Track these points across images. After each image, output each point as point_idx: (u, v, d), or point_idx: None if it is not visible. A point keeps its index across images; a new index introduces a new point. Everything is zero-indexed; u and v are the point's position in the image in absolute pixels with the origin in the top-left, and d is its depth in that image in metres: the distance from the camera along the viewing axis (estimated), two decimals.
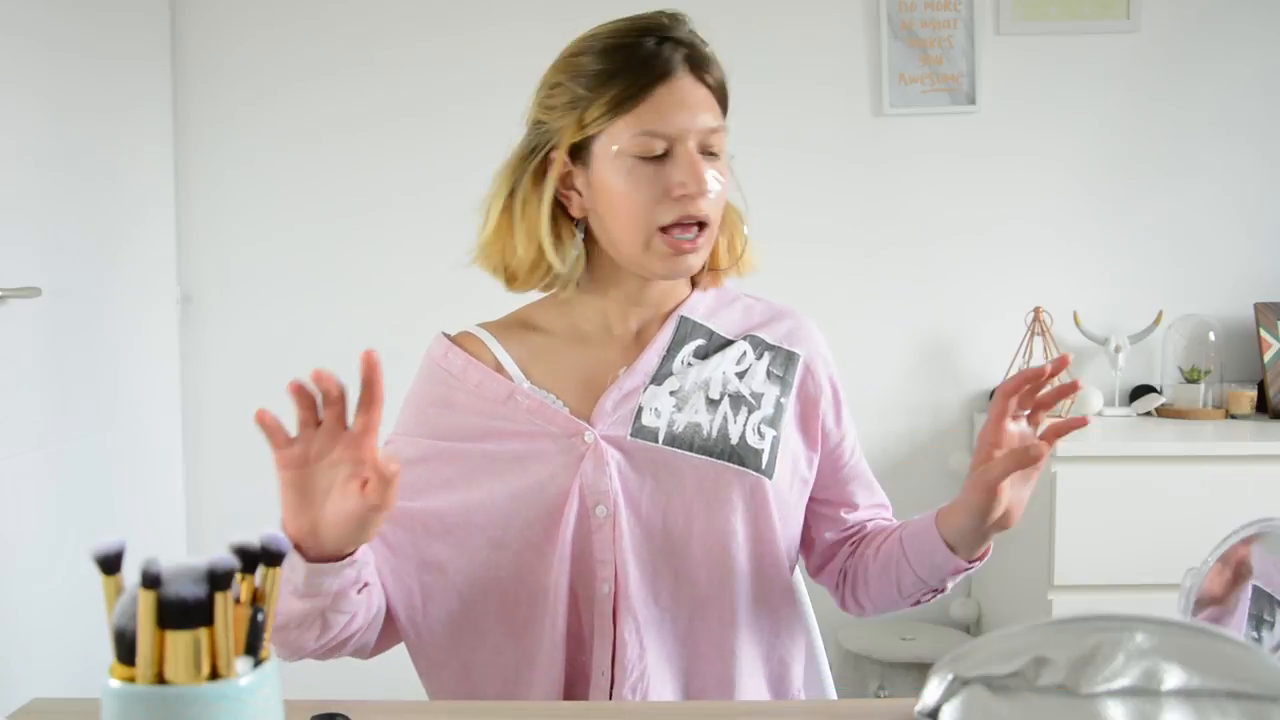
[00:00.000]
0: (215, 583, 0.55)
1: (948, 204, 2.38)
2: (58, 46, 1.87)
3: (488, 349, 1.10)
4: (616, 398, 1.04)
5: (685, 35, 1.03)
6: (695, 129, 1.00)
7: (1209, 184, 2.37)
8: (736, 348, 1.09)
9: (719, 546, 1.02)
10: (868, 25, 2.36)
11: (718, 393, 1.05)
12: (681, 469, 1.02)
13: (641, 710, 0.93)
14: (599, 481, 1.01)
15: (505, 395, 1.05)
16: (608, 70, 1.01)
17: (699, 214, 1.00)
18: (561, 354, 1.09)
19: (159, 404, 2.29)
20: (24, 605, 1.76)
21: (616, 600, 1.01)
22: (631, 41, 1.01)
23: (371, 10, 2.36)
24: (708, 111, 1.01)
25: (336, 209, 2.38)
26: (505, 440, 1.03)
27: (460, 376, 1.08)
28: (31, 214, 1.81)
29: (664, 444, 1.02)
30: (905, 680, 2.18)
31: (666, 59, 1.00)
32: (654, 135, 0.99)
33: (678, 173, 0.99)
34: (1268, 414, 2.26)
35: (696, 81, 1.02)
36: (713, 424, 1.03)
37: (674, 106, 1.00)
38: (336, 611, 0.93)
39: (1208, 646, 0.70)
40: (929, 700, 0.74)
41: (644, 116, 0.99)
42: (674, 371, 1.06)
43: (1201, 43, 2.35)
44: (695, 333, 1.09)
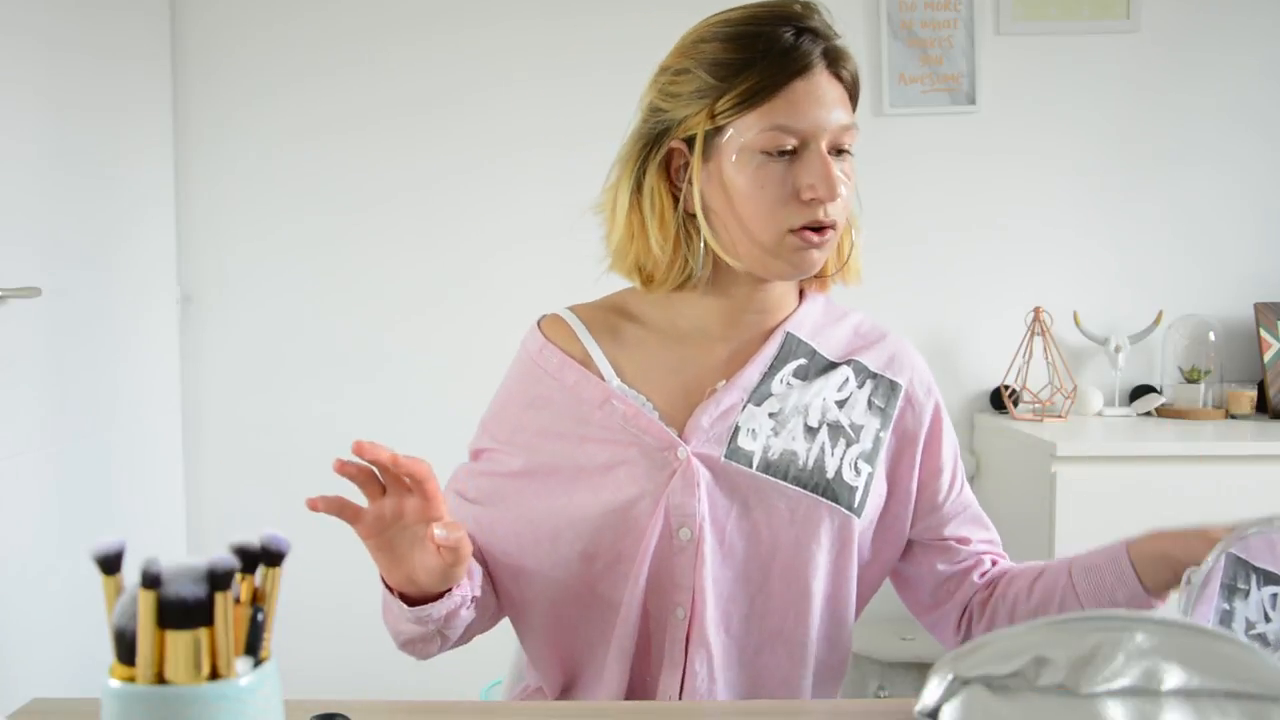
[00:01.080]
0: (215, 583, 0.55)
1: (948, 204, 2.38)
2: (58, 46, 1.87)
3: (578, 340, 1.05)
4: (714, 414, 1.00)
5: (823, 26, 0.98)
6: (830, 127, 0.95)
7: (1209, 183, 2.37)
8: (839, 373, 1.04)
9: (800, 580, 0.99)
10: (868, 25, 2.36)
11: (817, 420, 1.01)
12: (773, 498, 0.98)
13: (640, 710, 0.92)
14: (686, 503, 0.97)
15: (601, 399, 1.01)
16: (742, 59, 0.95)
17: (827, 219, 0.96)
18: (656, 352, 1.04)
19: (159, 404, 2.29)
20: (24, 605, 1.76)
21: (691, 627, 0.98)
22: (768, 30, 0.96)
23: (371, 10, 2.36)
24: (841, 108, 0.97)
25: (336, 208, 2.38)
26: (598, 446, 1.00)
27: (556, 375, 1.04)
28: (31, 214, 1.81)
29: (758, 469, 0.98)
30: (905, 680, 2.18)
31: (806, 51, 0.95)
32: (787, 131, 0.94)
33: (808, 174, 0.95)
34: (1268, 414, 2.26)
35: (832, 77, 0.97)
36: (809, 453, 0.99)
37: (810, 102, 0.95)
38: (450, 628, 0.96)
39: (1208, 646, 0.70)
40: (929, 700, 0.74)
41: (778, 111, 0.94)
42: (774, 392, 1.01)
43: (1201, 43, 2.35)
44: (799, 351, 1.04)
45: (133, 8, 2.17)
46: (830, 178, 0.94)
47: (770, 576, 0.99)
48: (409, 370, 2.37)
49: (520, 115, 2.35)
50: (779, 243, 0.96)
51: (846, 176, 0.97)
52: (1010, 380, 2.30)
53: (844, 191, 0.96)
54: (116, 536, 0.57)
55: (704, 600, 0.97)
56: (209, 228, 2.38)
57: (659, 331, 1.05)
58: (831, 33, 0.99)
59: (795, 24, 0.96)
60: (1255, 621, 0.84)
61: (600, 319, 1.07)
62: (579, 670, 1.04)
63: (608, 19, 2.29)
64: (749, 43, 0.95)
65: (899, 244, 2.39)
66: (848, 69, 0.99)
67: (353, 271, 2.38)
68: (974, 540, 1.09)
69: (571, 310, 1.09)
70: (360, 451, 0.82)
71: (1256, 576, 0.85)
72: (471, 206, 2.36)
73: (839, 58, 0.98)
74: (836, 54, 0.98)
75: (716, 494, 0.98)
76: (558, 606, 1.02)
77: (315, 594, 2.05)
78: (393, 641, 1.00)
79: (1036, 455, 1.99)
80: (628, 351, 1.05)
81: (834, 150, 0.97)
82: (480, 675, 1.84)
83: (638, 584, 0.98)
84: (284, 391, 2.38)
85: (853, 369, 1.05)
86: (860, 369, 1.05)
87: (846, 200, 0.98)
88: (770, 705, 0.97)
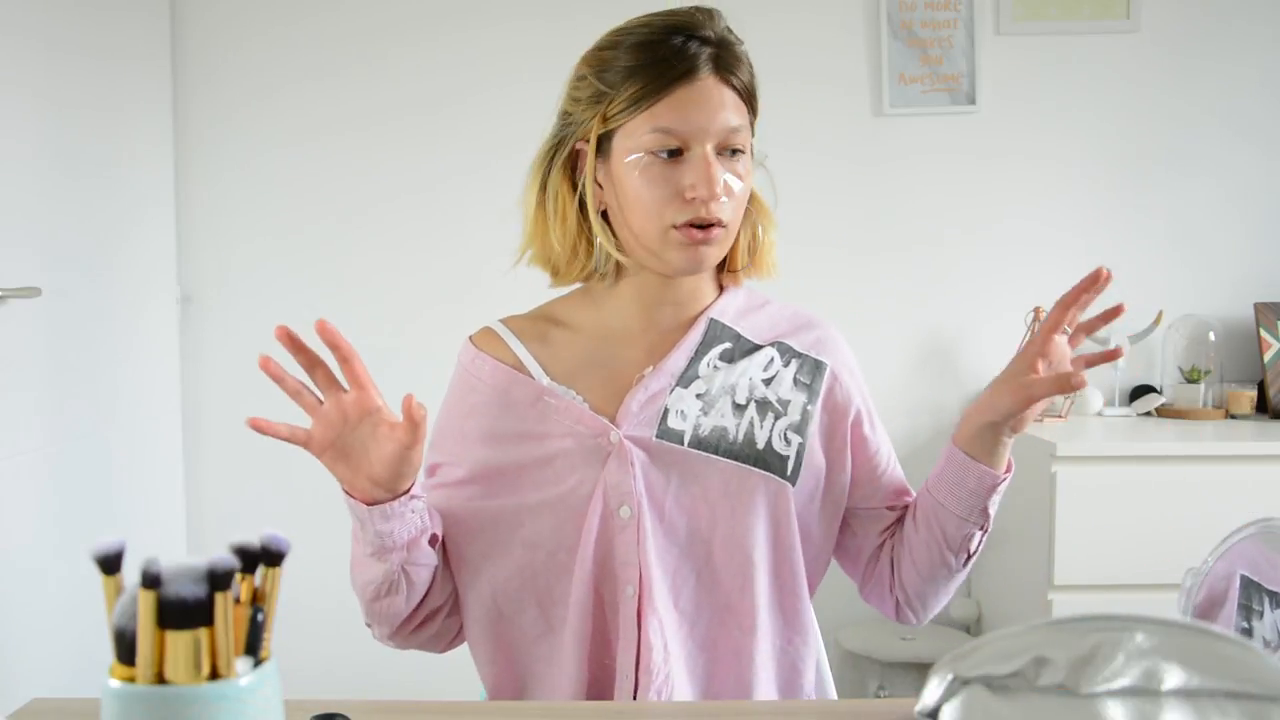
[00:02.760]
0: (215, 583, 0.55)
1: (947, 204, 2.38)
2: (58, 46, 1.87)
3: (508, 348, 1.10)
4: (642, 398, 1.04)
5: (715, 33, 1.02)
6: (714, 129, 0.99)
7: (1209, 184, 2.37)
8: (764, 354, 1.08)
9: (741, 551, 1.02)
10: (868, 25, 2.36)
11: (744, 398, 1.04)
12: (706, 472, 1.02)
13: (638, 710, 0.92)
14: (623, 482, 1.01)
15: (533, 398, 1.06)
16: (631, 66, 1.00)
17: (710, 217, 0.99)
18: (585, 351, 1.09)
19: (159, 404, 2.29)
20: (24, 605, 1.76)
21: (641, 603, 1.01)
22: (659, 38, 1.01)
23: (371, 10, 2.36)
24: (729, 111, 1.00)
25: (336, 208, 2.38)
26: (535, 443, 1.04)
27: (489, 381, 1.09)
28: (31, 214, 1.81)
29: (689, 446, 1.02)
30: (905, 680, 2.18)
31: (690, 57, 0.99)
32: (668, 133, 0.99)
33: (690, 174, 0.99)
34: (1268, 414, 2.26)
35: (720, 81, 1.01)
36: (739, 428, 1.03)
37: (692, 106, 0.99)
38: (414, 565, 0.99)
39: (1207, 646, 0.70)
40: (929, 700, 0.74)
41: (660, 114, 0.99)
42: (700, 374, 1.05)
43: (1201, 43, 2.35)
44: (723, 335, 1.08)
45: (133, 8, 2.17)
46: (710, 178, 0.98)
47: (713, 549, 1.03)
48: (409, 370, 2.36)
49: (521, 116, 2.34)
50: (663, 238, 1.01)
51: (738, 176, 1.01)
52: None
53: (736, 188, 1.01)
54: (116, 536, 0.57)
55: (650, 575, 1.00)
56: (209, 228, 2.38)
57: (585, 331, 1.10)
58: (727, 38, 1.03)
59: (686, 32, 1.00)
60: (1270, 640, 0.84)
61: (529, 327, 1.12)
62: (533, 665, 1.06)
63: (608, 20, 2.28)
64: (638, 50, 1.01)
65: (899, 244, 2.39)
66: (740, 75, 1.02)
67: (353, 272, 2.38)
68: (899, 506, 1.14)
69: (502, 322, 1.14)
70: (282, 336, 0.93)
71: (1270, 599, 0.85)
72: (472, 207, 2.36)
73: (730, 63, 1.02)
74: (727, 60, 1.01)
75: (652, 471, 1.02)
76: (501, 600, 1.05)
77: (315, 594, 2.04)
78: (363, 612, 1.04)
79: (1036, 455, 1.99)
80: (556, 352, 1.09)
81: (725, 151, 1.01)
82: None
83: (585, 568, 1.01)
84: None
85: (777, 349, 1.09)
86: (785, 349, 1.09)
87: (740, 197, 1.02)
88: (772, 705, 0.97)
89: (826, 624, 1.26)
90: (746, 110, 1.04)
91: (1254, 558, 0.86)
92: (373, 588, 1.00)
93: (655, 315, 1.09)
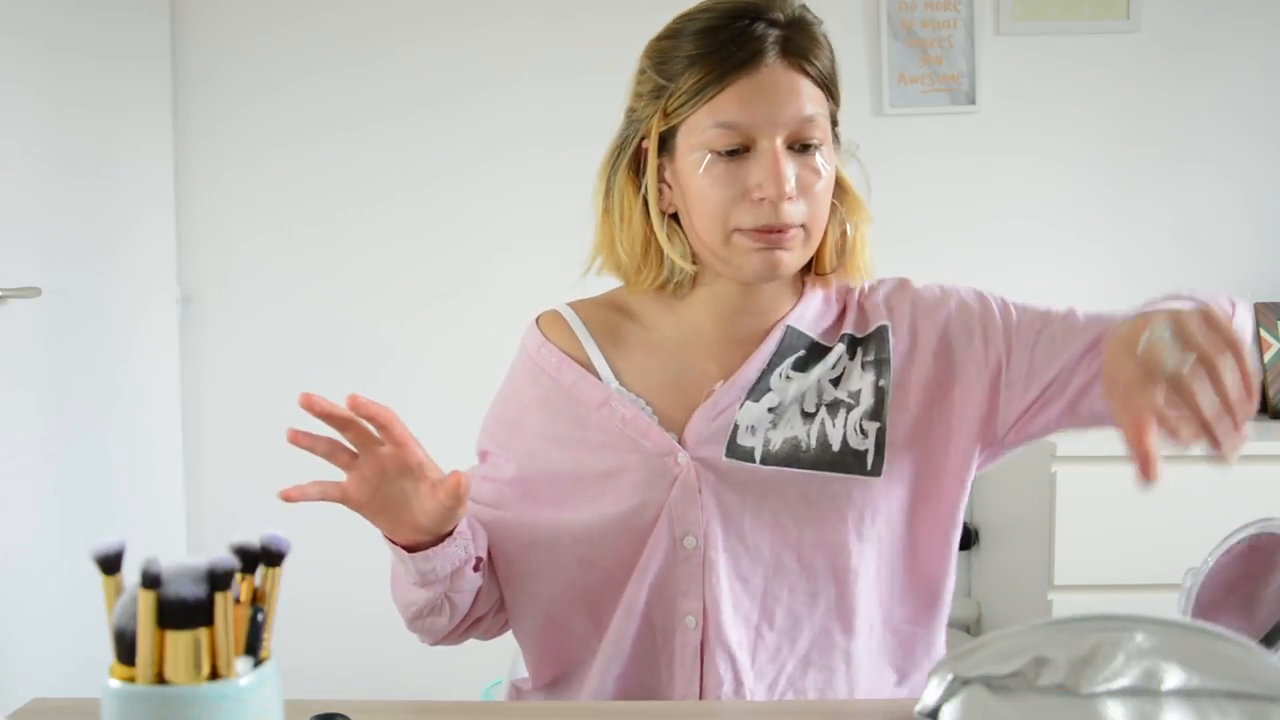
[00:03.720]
0: (215, 583, 0.55)
1: (948, 204, 2.38)
2: (58, 46, 1.87)
3: (576, 340, 1.03)
4: (711, 414, 0.97)
5: (786, 14, 0.92)
6: (783, 121, 0.91)
7: (1209, 183, 2.37)
8: (833, 354, 1.01)
9: (838, 554, 0.96)
10: (868, 25, 2.36)
11: (814, 405, 0.98)
12: (783, 486, 0.96)
13: (636, 710, 0.92)
14: (689, 511, 0.95)
15: (599, 401, 1.00)
16: (692, 55, 0.92)
17: (779, 221, 0.91)
18: (655, 355, 1.02)
19: (159, 404, 2.29)
20: (24, 605, 1.76)
21: (706, 634, 0.95)
22: (720, 24, 0.92)
23: (371, 9, 2.36)
24: (802, 100, 0.91)
25: (337, 208, 2.38)
26: (595, 452, 0.99)
27: (554, 375, 1.02)
28: (31, 214, 1.81)
29: (761, 463, 0.96)
30: None
31: (755, 41, 0.90)
32: (730, 128, 0.90)
33: (757, 173, 0.91)
34: (1268, 414, 2.26)
35: (790, 68, 0.91)
36: (810, 435, 0.96)
37: (757, 96, 0.90)
38: (458, 591, 0.96)
39: (1208, 646, 0.70)
40: (929, 700, 0.74)
41: (722, 106, 0.90)
42: (772, 387, 0.98)
43: (1202, 42, 2.35)
44: (798, 344, 1.01)
45: (133, 8, 2.17)
46: (779, 176, 0.90)
47: (805, 557, 0.96)
48: (409, 370, 2.36)
49: (520, 115, 2.35)
50: (728, 244, 0.93)
51: (815, 171, 0.93)
52: None
53: (814, 186, 0.93)
54: (116, 536, 0.57)
55: (717, 607, 0.95)
56: (209, 228, 2.38)
57: (657, 333, 1.03)
58: (800, 19, 0.93)
59: (751, 14, 0.91)
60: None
61: (600, 318, 1.05)
62: (570, 669, 1.03)
63: (608, 19, 2.29)
64: (699, 38, 0.92)
65: (899, 244, 2.38)
66: (815, 59, 0.93)
67: (353, 271, 2.38)
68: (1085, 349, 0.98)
69: (571, 307, 1.07)
70: (310, 405, 0.82)
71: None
72: (472, 206, 2.36)
73: (802, 47, 0.92)
74: (799, 43, 0.92)
75: (726, 493, 0.96)
76: (553, 610, 1.02)
77: (315, 594, 2.04)
78: (404, 622, 1.01)
79: (1036, 455, 1.99)
80: (626, 353, 1.03)
81: (798, 145, 0.92)
82: (480, 675, 1.84)
83: (639, 592, 0.96)
84: (284, 392, 2.36)
85: (844, 344, 1.02)
86: (849, 340, 1.02)
87: (820, 195, 0.94)
88: (771, 705, 0.97)
89: None
90: (825, 98, 0.95)
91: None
92: (414, 609, 0.97)
93: (732, 325, 1.01)
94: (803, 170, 0.92)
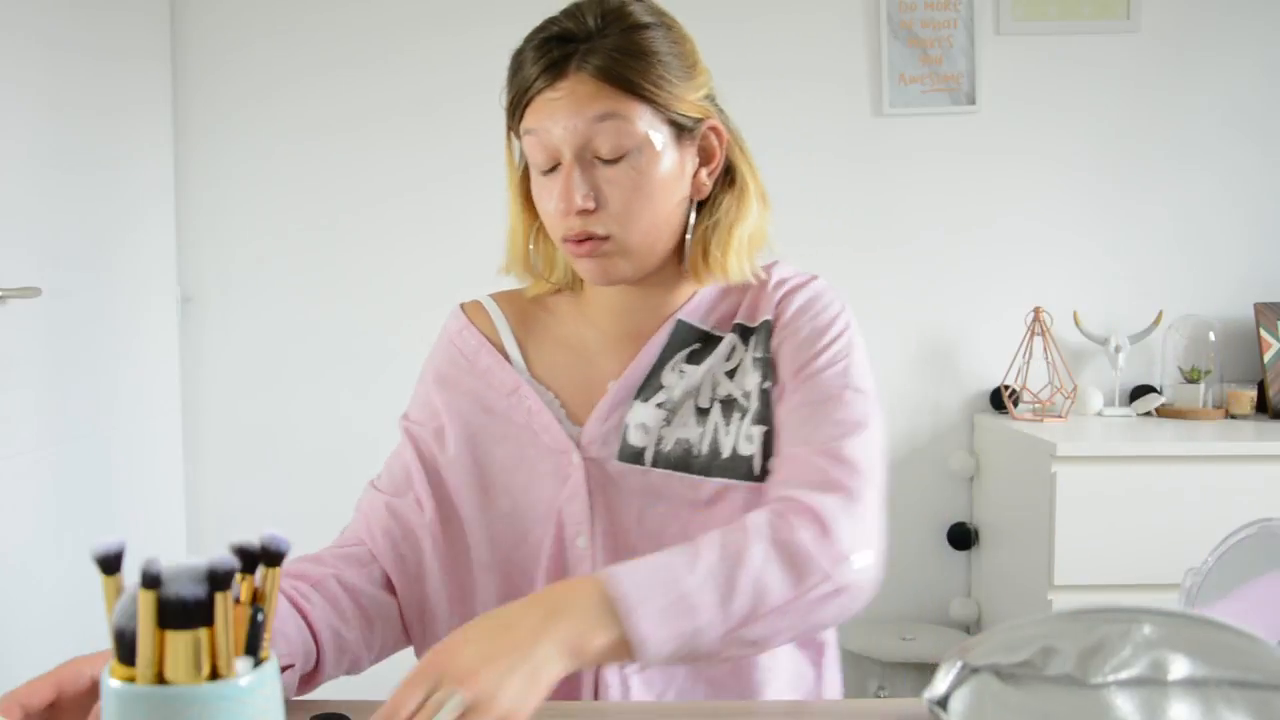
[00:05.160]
0: (215, 583, 0.55)
1: (948, 204, 2.38)
2: (58, 46, 1.87)
3: (495, 328, 1.06)
4: (604, 413, 0.98)
5: (581, 25, 0.91)
6: (571, 137, 0.90)
7: (1209, 184, 2.37)
8: (725, 343, 0.99)
9: None
10: (868, 25, 2.36)
11: (707, 400, 0.97)
12: (673, 491, 0.95)
13: (634, 710, 0.92)
14: (580, 511, 0.96)
15: (510, 388, 1.01)
16: (509, 75, 0.95)
17: (582, 232, 0.92)
18: (565, 349, 1.04)
19: (159, 404, 2.29)
20: (24, 605, 1.76)
21: None
22: (524, 43, 0.94)
23: (371, 10, 2.36)
24: (594, 110, 0.89)
25: (337, 208, 2.38)
26: (500, 444, 0.99)
27: (471, 357, 1.04)
28: (31, 214, 1.81)
29: (650, 464, 0.95)
30: (905, 680, 2.18)
31: (544, 60, 0.90)
32: (536, 146, 0.93)
33: (556, 187, 0.92)
34: (1268, 414, 2.26)
35: (587, 78, 0.89)
36: (703, 438, 0.95)
37: (547, 115, 0.91)
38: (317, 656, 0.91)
39: (1213, 637, 0.71)
40: (939, 688, 0.75)
41: (528, 125, 0.93)
42: (665, 384, 0.98)
43: (1202, 42, 2.35)
44: (690, 336, 1.00)
45: (133, 8, 2.17)
46: (565, 193, 0.91)
47: None
48: (409, 370, 2.36)
49: None
50: (563, 250, 0.96)
51: (618, 183, 0.91)
52: (1010, 380, 2.30)
53: (612, 196, 0.91)
54: (116, 536, 0.57)
55: None
56: (209, 228, 2.38)
57: (567, 327, 1.05)
58: (606, 29, 0.90)
59: (546, 31, 0.92)
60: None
61: (518, 308, 1.08)
62: None
63: None
64: (513, 57, 0.94)
65: (899, 244, 2.39)
66: (612, 64, 0.89)
67: (353, 271, 2.38)
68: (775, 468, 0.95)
69: (492, 298, 1.09)
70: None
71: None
72: (472, 205, 2.36)
73: (594, 54, 0.89)
74: (592, 51, 0.89)
75: (616, 497, 0.96)
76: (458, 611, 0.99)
77: None
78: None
79: (1036, 455, 1.99)
80: (539, 345, 1.05)
81: (593, 156, 0.91)
82: None
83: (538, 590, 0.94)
84: (284, 392, 2.38)
85: (736, 333, 1.00)
86: (742, 329, 1.00)
87: (630, 205, 0.92)
88: (772, 705, 0.97)
89: None
90: (643, 101, 0.91)
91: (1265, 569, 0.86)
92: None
93: (628, 321, 1.02)
94: (605, 182, 0.92)
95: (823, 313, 0.99)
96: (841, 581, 0.82)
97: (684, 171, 0.96)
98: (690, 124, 0.95)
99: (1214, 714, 0.68)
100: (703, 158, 0.98)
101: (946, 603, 2.39)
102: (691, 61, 0.96)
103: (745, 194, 1.01)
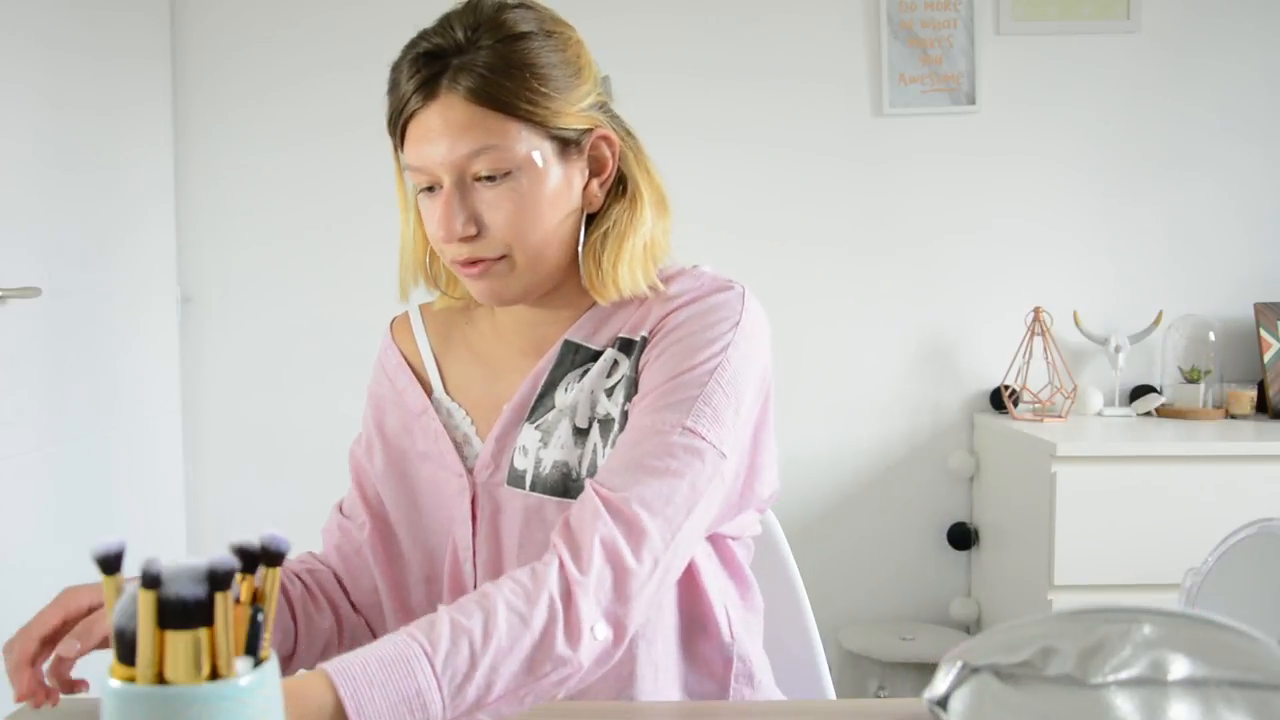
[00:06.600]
0: (215, 583, 0.55)
1: (948, 204, 2.38)
2: (58, 46, 1.87)
3: (414, 343, 1.05)
4: (496, 435, 0.95)
5: (450, 41, 0.86)
6: (446, 162, 0.86)
7: (1209, 184, 2.37)
8: (605, 359, 0.94)
9: None
10: (868, 25, 2.36)
11: (585, 419, 0.92)
12: (553, 515, 0.91)
13: (634, 711, 0.92)
14: (464, 536, 0.96)
15: (419, 410, 1.01)
16: (386, 95, 0.91)
17: (467, 256, 0.89)
18: (478, 364, 1.02)
19: (159, 404, 2.29)
20: (23, 605, 1.75)
21: None
22: (400, 59, 0.89)
23: (371, 10, 2.36)
24: (468, 134, 0.85)
25: (337, 208, 2.38)
26: (423, 461, 1.00)
27: (391, 377, 1.04)
28: (31, 214, 1.81)
29: (531, 489, 0.92)
30: (905, 680, 2.18)
31: (412, 83, 0.86)
32: (413, 169, 0.89)
33: (436, 212, 0.89)
34: (1268, 414, 2.26)
35: (459, 100, 0.85)
36: (581, 460, 0.91)
37: (421, 140, 0.87)
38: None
39: (1213, 637, 0.71)
40: (939, 688, 0.75)
41: (405, 149, 0.89)
42: (556, 404, 0.93)
43: (1201, 42, 2.35)
44: (579, 356, 0.95)
45: (133, 8, 2.17)
46: (445, 220, 0.87)
47: None
48: None
49: None
50: (454, 271, 0.93)
51: (499, 205, 0.87)
52: (1010, 380, 2.30)
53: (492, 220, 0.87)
54: (116, 536, 0.57)
55: None
56: (209, 228, 2.38)
57: (486, 339, 1.02)
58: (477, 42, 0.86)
59: (415, 49, 0.88)
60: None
61: (441, 320, 1.06)
62: None
63: (607, 19, 2.29)
64: (389, 75, 0.91)
65: (899, 244, 2.39)
66: (484, 84, 0.84)
67: (353, 271, 2.38)
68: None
69: (421, 308, 1.07)
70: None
71: None
72: None
73: (463, 74, 0.84)
74: (461, 70, 0.85)
75: (500, 521, 0.94)
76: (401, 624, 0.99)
77: None
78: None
79: (1036, 455, 1.99)
80: (454, 360, 1.03)
81: (472, 179, 0.87)
82: None
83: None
84: (284, 392, 2.38)
85: (618, 348, 0.94)
86: (623, 343, 0.94)
87: (516, 224, 0.87)
88: (772, 705, 0.97)
89: (826, 624, 1.26)
90: (511, 119, 0.86)
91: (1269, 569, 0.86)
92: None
93: (531, 337, 0.98)
94: (486, 206, 0.88)
95: (698, 334, 0.89)
96: (575, 664, 0.77)
97: (572, 185, 0.91)
98: (575, 136, 0.90)
99: (1214, 714, 0.68)
100: (594, 168, 0.93)
101: (946, 603, 2.39)
102: (576, 69, 0.90)
103: (637, 202, 0.94)
